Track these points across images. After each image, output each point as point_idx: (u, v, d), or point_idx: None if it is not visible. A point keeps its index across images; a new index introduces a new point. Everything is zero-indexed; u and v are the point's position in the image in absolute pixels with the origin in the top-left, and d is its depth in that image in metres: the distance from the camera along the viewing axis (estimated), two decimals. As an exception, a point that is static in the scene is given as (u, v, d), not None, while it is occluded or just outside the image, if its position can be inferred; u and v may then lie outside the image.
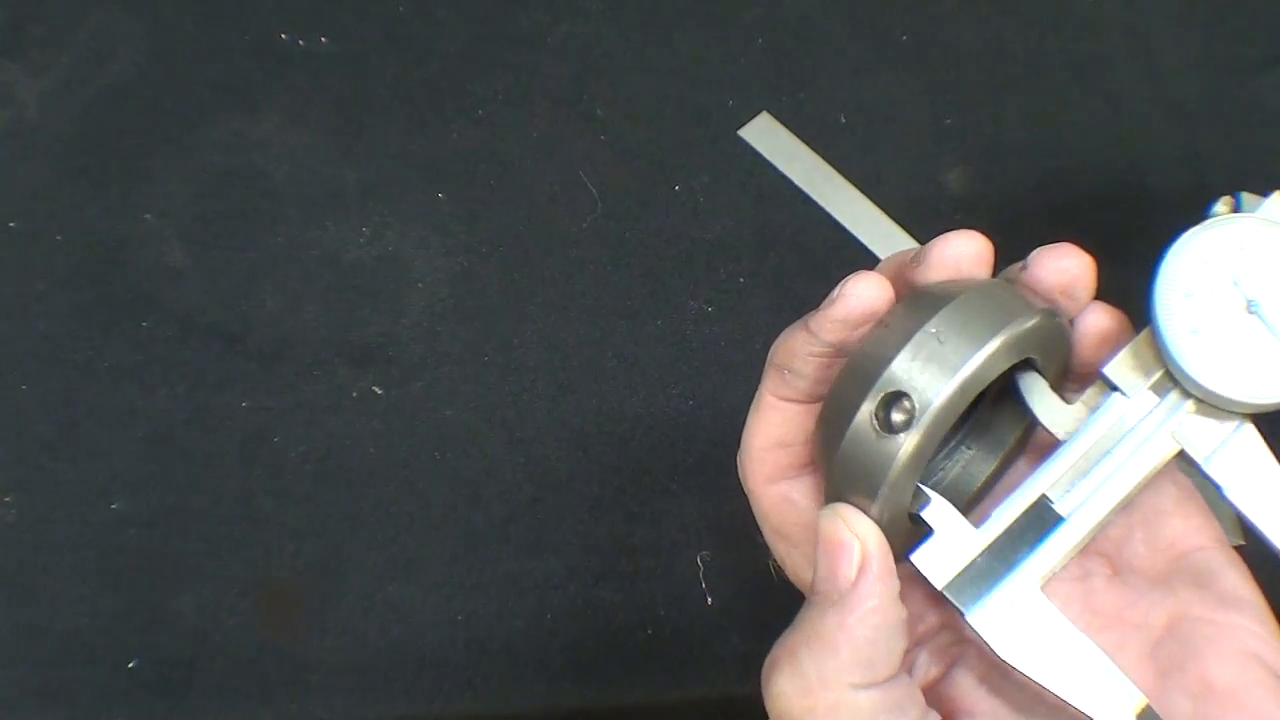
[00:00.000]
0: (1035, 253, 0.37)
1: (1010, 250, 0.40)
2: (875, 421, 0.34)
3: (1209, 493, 0.38)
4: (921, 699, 0.35)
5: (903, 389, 0.33)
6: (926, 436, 0.33)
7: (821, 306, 0.35)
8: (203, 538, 0.62)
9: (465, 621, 0.61)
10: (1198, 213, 0.38)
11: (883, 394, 0.33)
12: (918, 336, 0.33)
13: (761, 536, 0.40)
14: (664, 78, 0.73)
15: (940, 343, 0.33)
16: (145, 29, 0.74)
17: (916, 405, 0.33)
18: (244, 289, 0.67)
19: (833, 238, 0.68)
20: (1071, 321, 0.37)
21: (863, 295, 0.35)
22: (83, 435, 0.64)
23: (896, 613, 0.34)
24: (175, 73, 0.73)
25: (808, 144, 0.70)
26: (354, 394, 0.65)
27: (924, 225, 0.63)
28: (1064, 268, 0.36)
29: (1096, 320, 0.37)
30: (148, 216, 0.69)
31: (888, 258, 0.39)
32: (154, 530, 0.62)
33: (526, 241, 0.69)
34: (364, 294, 0.67)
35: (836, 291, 0.35)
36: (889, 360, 0.33)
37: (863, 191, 0.68)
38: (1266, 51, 0.74)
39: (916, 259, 0.36)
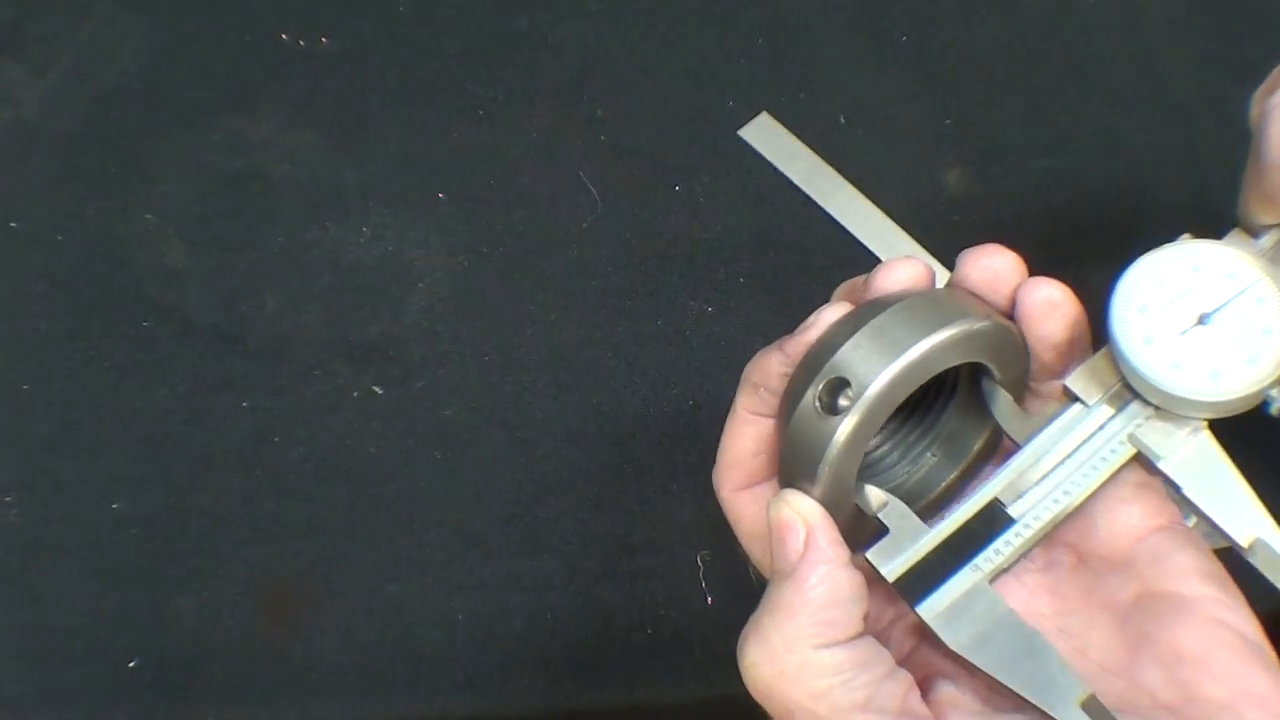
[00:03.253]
0: (962, 254, 0.39)
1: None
2: (818, 405, 0.36)
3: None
4: (889, 659, 0.37)
5: (844, 375, 0.36)
6: (865, 418, 0.36)
7: (796, 332, 0.39)
8: (203, 538, 0.62)
9: (465, 621, 0.61)
10: (1198, 213, 0.38)
11: (826, 380, 0.36)
12: (865, 328, 0.36)
13: (740, 546, 0.42)
14: (664, 78, 0.73)
15: (882, 334, 0.36)
16: (145, 29, 0.74)
17: (855, 389, 0.36)
18: (244, 289, 0.67)
19: (833, 238, 0.68)
20: (1017, 325, 0.38)
21: (834, 323, 0.38)
22: (83, 435, 0.64)
23: (848, 576, 0.36)
24: (175, 73, 0.73)
25: (808, 144, 0.69)
26: (354, 394, 0.65)
27: (924, 225, 0.63)
28: (989, 266, 0.39)
29: (1041, 291, 0.38)
30: (148, 216, 0.69)
31: (842, 285, 0.42)
32: (154, 530, 0.62)
33: (526, 241, 0.69)
34: (364, 294, 0.67)
35: (811, 319, 0.39)
36: (835, 349, 0.36)
37: (863, 191, 0.68)
38: (1266, 52, 0.73)
39: (866, 284, 0.40)
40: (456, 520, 0.63)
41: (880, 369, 0.35)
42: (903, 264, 0.39)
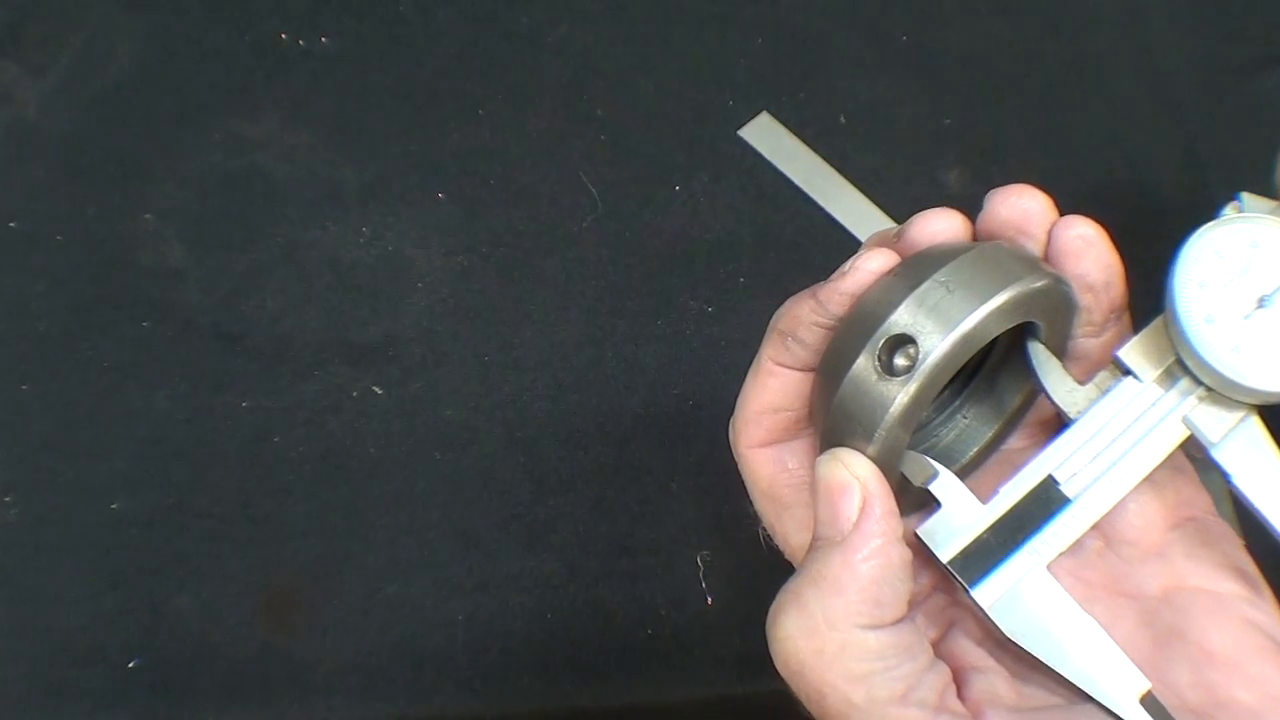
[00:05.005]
0: (991, 194, 0.37)
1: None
2: (878, 364, 0.34)
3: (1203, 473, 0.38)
4: (929, 648, 0.35)
5: (908, 333, 0.33)
6: (928, 382, 0.33)
7: (832, 278, 0.36)
8: (203, 538, 0.62)
9: (465, 621, 0.61)
10: (1198, 213, 0.38)
11: (886, 338, 0.34)
12: (926, 284, 0.34)
13: (752, 506, 0.40)
14: (664, 78, 0.73)
15: (949, 291, 0.33)
16: (145, 29, 0.74)
17: (920, 350, 0.33)
18: (244, 289, 0.67)
19: (833, 238, 0.68)
20: (1069, 282, 0.37)
21: (875, 270, 0.35)
22: (83, 435, 0.64)
23: (900, 553, 0.34)
24: (175, 73, 0.73)
25: (808, 144, 0.70)
26: (354, 394, 0.65)
27: (924, 225, 0.63)
28: (1019, 205, 0.37)
29: (1077, 228, 0.37)
30: (148, 216, 0.69)
31: (871, 235, 0.39)
32: (154, 530, 0.62)
33: (526, 241, 0.69)
34: (364, 294, 0.67)
35: (849, 264, 0.36)
36: (895, 305, 0.34)
37: (863, 191, 0.68)
38: (1266, 51, 0.74)
39: (898, 234, 0.37)
40: (456, 520, 0.63)
41: (949, 328, 0.33)
42: (941, 214, 0.37)
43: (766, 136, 0.71)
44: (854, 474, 0.34)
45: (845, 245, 0.67)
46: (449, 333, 0.67)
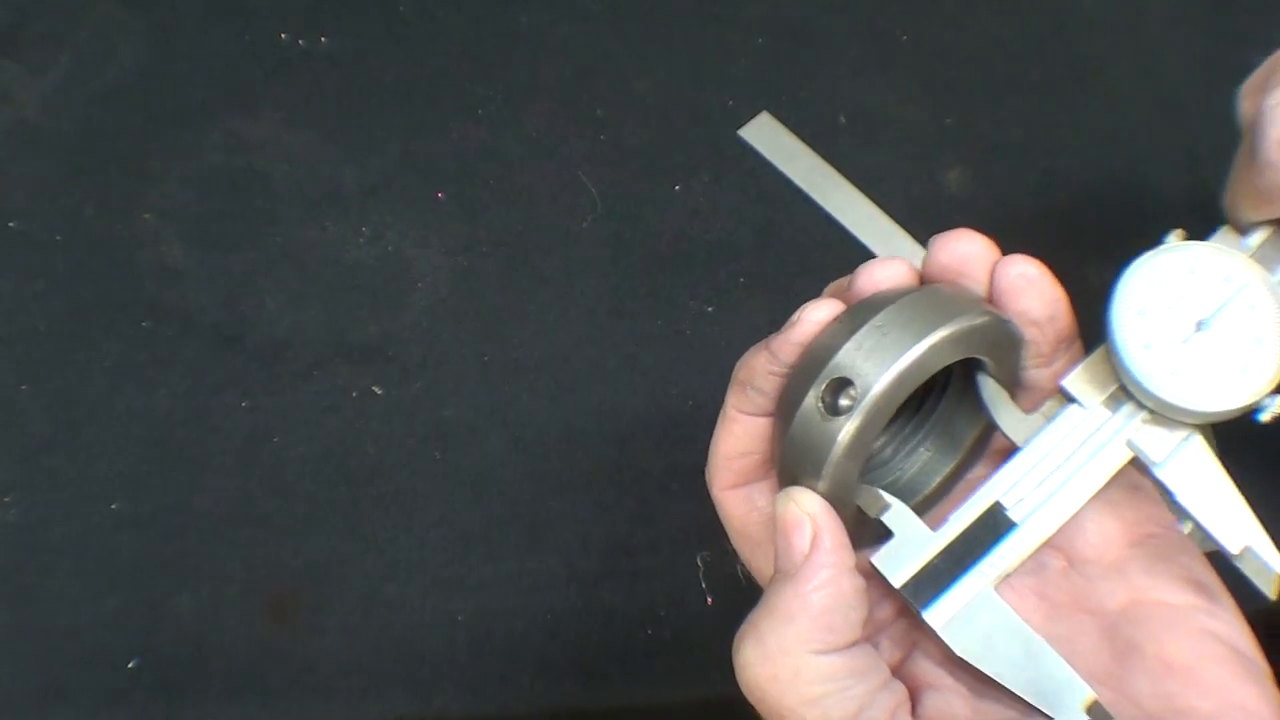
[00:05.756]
0: (932, 240, 0.39)
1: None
2: (821, 406, 0.36)
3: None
4: (885, 669, 0.36)
5: (846, 375, 0.36)
6: (868, 419, 0.36)
7: (782, 329, 0.38)
8: (203, 538, 0.62)
9: (465, 621, 0.61)
10: (1198, 213, 0.38)
11: (828, 380, 0.36)
12: (864, 329, 0.36)
13: (730, 543, 0.42)
14: (664, 78, 0.73)
15: (884, 334, 0.36)
16: (145, 29, 0.74)
17: (859, 390, 0.35)
18: (244, 289, 0.67)
19: (833, 238, 0.67)
20: (1008, 321, 0.38)
21: (821, 320, 0.38)
22: (83, 435, 0.64)
23: (852, 582, 0.36)
24: (175, 73, 0.73)
25: (808, 144, 0.70)
26: (354, 394, 0.65)
27: (924, 225, 0.62)
28: (958, 250, 0.39)
29: (1017, 267, 0.38)
30: (148, 216, 0.69)
31: (831, 285, 0.42)
32: (154, 530, 0.62)
33: (526, 241, 0.69)
34: (364, 294, 0.67)
35: (796, 316, 0.38)
36: (836, 350, 0.36)
37: (863, 191, 0.68)
38: (1267, 52, 0.73)
39: (849, 284, 0.40)
40: (456, 520, 0.63)
41: (883, 368, 0.35)
42: (886, 263, 0.39)
43: (766, 136, 0.70)
44: (804, 510, 0.36)
45: (845, 245, 0.67)
46: (449, 333, 0.67)
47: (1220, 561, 0.38)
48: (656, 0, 0.75)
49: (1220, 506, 0.37)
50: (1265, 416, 0.38)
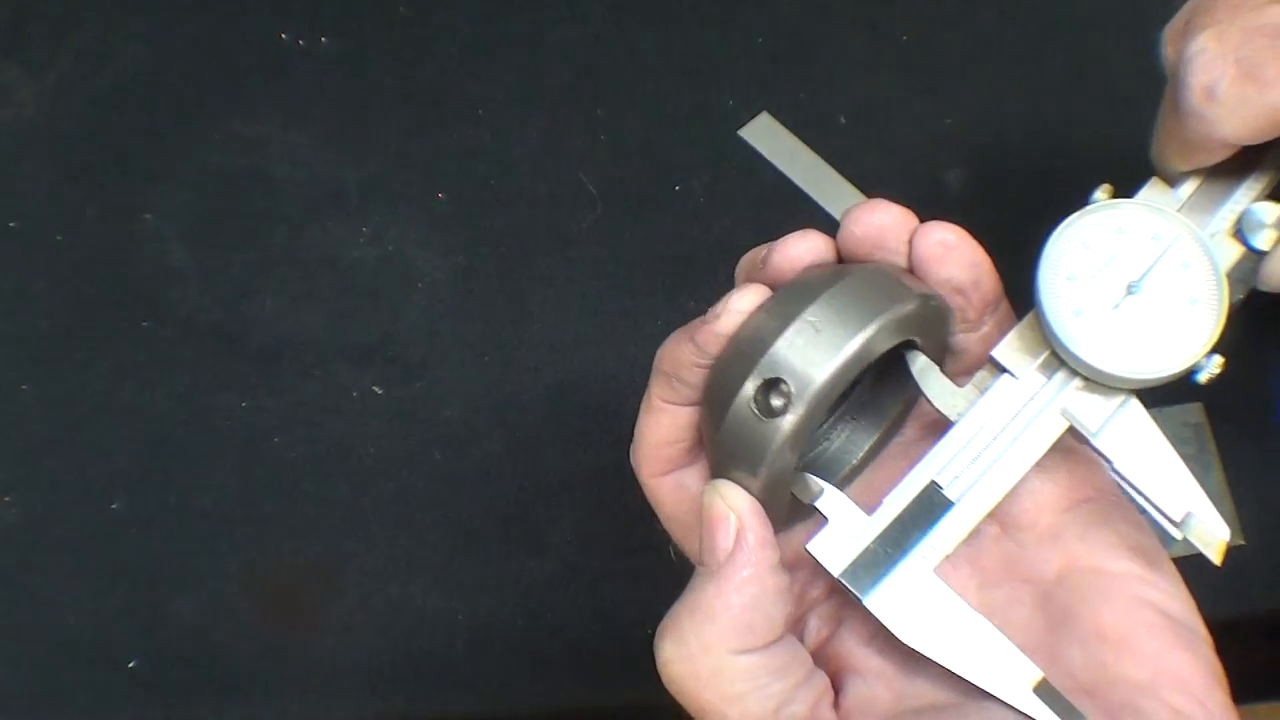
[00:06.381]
0: (844, 213, 0.38)
1: (1009, 250, 0.40)
2: (754, 405, 0.35)
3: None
4: (808, 661, 0.36)
5: (780, 375, 0.35)
6: (803, 420, 0.35)
7: (706, 318, 0.37)
8: (203, 538, 0.62)
9: (465, 621, 0.61)
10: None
11: (761, 379, 0.35)
12: (795, 324, 0.35)
13: (660, 525, 0.41)
14: (664, 78, 0.73)
15: (817, 331, 0.35)
16: (145, 29, 0.74)
17: (793, 390, 0.34)
18: (244, 289, 0.67)
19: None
20: (940, 296, 0.37)
21: (746, 310, 0.36)
22: (83, 435, 0.64)
23: (774, 581, 0.35)
24: (175, 73, 0.73)
25: (808, 144, 0.69)
26: (354, 394, 0.65)
27: (924, 225, 0.63)
28: (872, 221, 0.37)
29: (936, 234, 0.37)
30: (148, 216, 0.69)
31: (741, 262, 0.40)
32: (154, 530, 0.62)
33: (526, 241, 0.69)
34: (364, 294, 0.67)
35: (720, 305, 0.36)
36: (768, 346, 0.35)
37: (863, 191, 0.68)
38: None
39: (764, 260, 0.38)
40: (456, 520, 0.63)
41: (819, 368, 0.34)
42: (803, 237, 0.38)
43: (766, 136, 0.70)
44: (730, 506, 0.35)
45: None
46: (449, 333, 0.67)
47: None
48: (656, 0, 0.75)
49: (1161, 473, 0.36)
50: (1203, 377, 0.36)
